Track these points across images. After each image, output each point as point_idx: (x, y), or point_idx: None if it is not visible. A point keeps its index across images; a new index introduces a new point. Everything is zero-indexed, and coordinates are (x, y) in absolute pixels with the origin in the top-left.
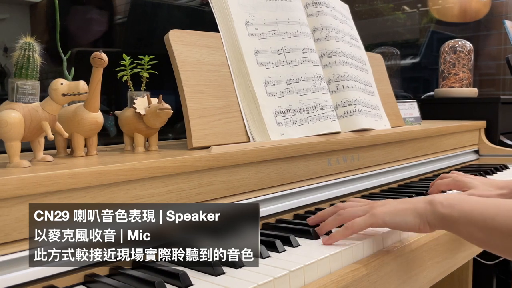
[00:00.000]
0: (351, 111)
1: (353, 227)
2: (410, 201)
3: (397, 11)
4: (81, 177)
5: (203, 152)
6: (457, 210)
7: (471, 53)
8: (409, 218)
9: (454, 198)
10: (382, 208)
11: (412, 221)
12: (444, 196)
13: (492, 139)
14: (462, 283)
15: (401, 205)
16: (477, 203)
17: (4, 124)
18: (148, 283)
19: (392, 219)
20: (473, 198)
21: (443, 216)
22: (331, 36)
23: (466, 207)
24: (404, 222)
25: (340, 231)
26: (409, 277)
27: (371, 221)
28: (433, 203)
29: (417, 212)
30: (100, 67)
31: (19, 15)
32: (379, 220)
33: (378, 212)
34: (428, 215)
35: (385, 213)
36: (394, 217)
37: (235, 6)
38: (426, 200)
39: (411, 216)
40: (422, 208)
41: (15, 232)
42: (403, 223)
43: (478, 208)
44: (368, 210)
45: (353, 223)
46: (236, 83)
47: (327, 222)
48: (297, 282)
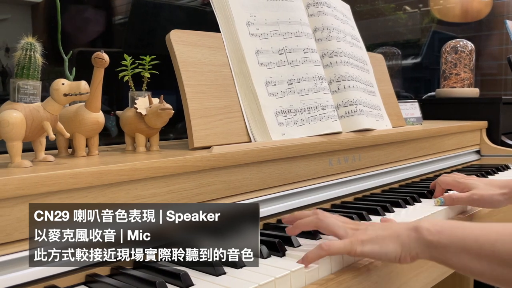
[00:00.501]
0: (352, 111)
1: (330, 250)
2: (392, 227)
3: (398, 11)
4: (82, 177)
5: (204, 152)
6: (446, 236)
7: (473, 53)
8: (390, 247)
9: (443, 224)
10: (362, 236)
11: (393, 252)
12: (431, 222)
13: (493, 140)
14: (464, 283)
15: (382, 232)
16: (470, 228)
17: (6, 124)
18: (149, 283)
19: (370, 249)
20: (464, 223)
21: (431, 243)
22: (332, 36)
23: (458, 233)
24: (383, 253)
25: (315, 252)
26: (411, 278)
27: (349, 248)
28: (419, 229)
29: (399, 241)
30: (101, 67)
31: (21, 15)
32: (357, 249)
33: (358, 240)
34: (411, 243)
35: (364, 241)
36: (373, 246)
37: (236, 6)
38: (410, 227)
39: (392, 245)
40: (406, 235)
41: (17, 232)
42: (382, 254)
43: (472, 234)
44: (348, 232)
45: (330, 246)
46: (237, 83)
47: (302, 221)
48: (298, 282)
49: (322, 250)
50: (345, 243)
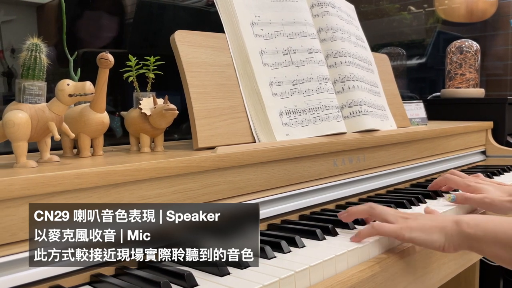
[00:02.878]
0: (357, 112)
1: (380, 230)
2: (438, 219)
3: (403, 12)
4: (87, 178)
5: (209, 152)
6: (481, 229)
7: (478, 53)
8: (436, 236)
9: (481, 218)
10: (412, 223)
11: (438, 240)
12: (470, 217)
13: (499, 140)
14: (469, 285)
15: (429, 222)
16: (500, 222)
17: (11, 124)
18: (154, 283)
19: (419, 236)
20: (496, 217)
21: (469, 236)
22: (336, 37)
23: (490, 226)
24: (430, 241)
25: (367, 229)
26: (415, 279)
27: (398, 232)
28: (460, 223)
29: (444, 232)
30: (106, 68)
31: (26, 16)
32: (406, 235)
33: (407, 226)
34: (454, 235)
35: (413, 228)
36: (421, 234)
37: (240, 7)
38: (453, 220)
39: (438, 235)
40: (449, 227)
41: (22, 232)
42: (429, 242)
43: (502, 227)
44: (398, 219)
45: (383, 226)
46: (242, 83)
47: (357, 208)
48: (302, 283)
49: (374, 229)
50: (395, 227)
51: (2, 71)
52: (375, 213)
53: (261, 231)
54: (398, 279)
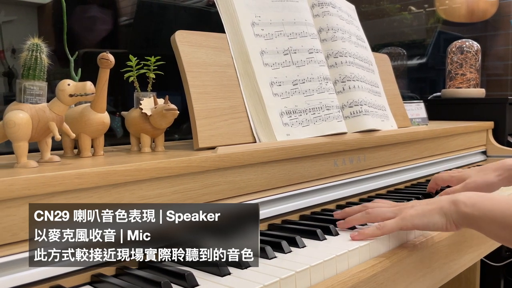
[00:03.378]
0: (358, 112)
1: (385, 229)
2: (435, 201)
3: (403, 12)
4: (88, 178)
5: (209, 152)
6: (478, 208)
7: (479, 53)
8: (436, 218)
9: (477, 197)
10: (411, 211)
11: (439, 221)
12: (467, 196)
13: (499, 140)
14: (470, 285)
15: (428, 206)
16: (498, 201)
17: (12, 124)
18: (154, 283)
19: (420, 221)
20: (495, 196)
21: (466, 215)
22: (337, 37)
23: (487, 205)
24: (432, 223)
25: (371, 230)
26: (416, 279)
27: (401, 224)
28: (457, 203)
29: (443, 212)
30: (106, 68)
31: (27, 16)
32: (409, 223)
33: (408, 216)
34: (453, 215)
35: (413, 215)
36: (422, 218)
37: (241, 7)
38: (450, 200)
39: (438, 217)
40: (447, 208)
41: (23, 232)
42: (431, 224)
43: (499, 206)
44: (397, 212)
45: (385, 225)
46: (242, 83)
47: (354, 217)
48: (303, 283)
49: (378, 230)
50: (397, 220)
51: (3, 71)
52: (373, 218)
53: (261, 231)
54: (399, 279)
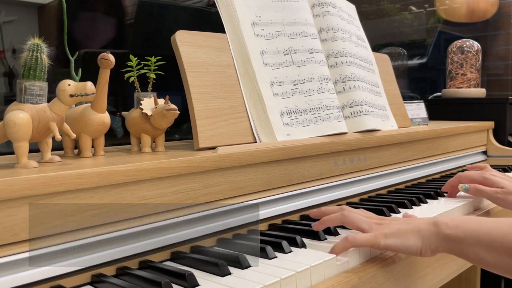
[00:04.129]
0: (358, 112)
1: (355, 242)
2: (413, 221)
3: (404, 12)
4: (88, 178)
5: (210, 152)
6: (462, 230)
7: (479, 53)
8: (412, 241)
9: (460, 219)
10: (385, 229)
11: (414, 245)
12: (449, 217)
13: (500, 140)
14: (470, 285)
15: (404, 226)
16: (485, 222)
17: (12, 124)
18: (155, 283)
19: (393, 242)
20: (480, 218)
21: (448, 237)
22: (337, 37)
23: (473, 227)
24: (405, 246)
25: (341, 244)
26: (417, 278)
27: (373, 241)
28: (438, 224)
29: (420, 235)
30: (107, 68)
31: (27, 17)
32: (381, 243)
33: (381, 234)
34: (431, 237)
35: (387, 235)
36: (396, 240)
37: (241, 7)
38: (430, 222)
39: (413, 239)
40: (426, 229)
41: (23, 232)
42: (404, 248)
43: (485, 228)
44: (372, 226)
45: (355, 239)
46: (243, 83)
47: (329, 217)
48: (303, 283)
49: (348, 242)
50: (370, 236)
51: (3, 72)
52: (348, 222)
53: (262, 231)
54: (401, 278)
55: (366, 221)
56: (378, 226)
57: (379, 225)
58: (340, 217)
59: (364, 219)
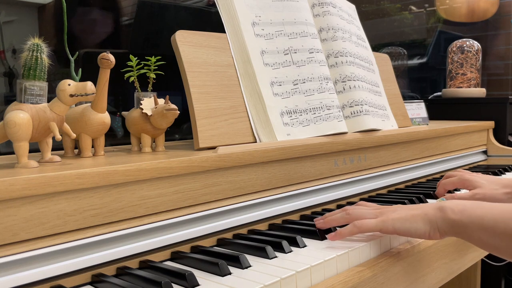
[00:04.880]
0: (358, 112)
1: (362, 227)
2: (420, 207)
3: (404, 11)
4: (89, 178)
5: (210, 152)
6: (467, 215)
7: (479, 53)
8: (419, 224)
9: (465, 204)
10: (393, 214)
11: (422, 228)
12: (454, 203)
13: (500, 140)
14: (470, 284)
15: (411, 211)
16: (489, 208)
17: (13, 124)
18: (155, 283)
19: (402, 226)
20: (485, 203)
21: (454, 222)
22: (337, 36)
23: (477, 212)
24: (414, 229)
25: (348, 228)
26: (416, 278)
27: (380, 226)
28: (444, 209)
29: (427, 219)
30: (107, 68)
31: (27, 17)
32: (389, 227)
33: (389, 219)
34: (438, 222)
35: (395, 219)
36: (404, 223)
37: (241, 7)
38: (436, 207)
39: (421, 223)
40: (432, 214)
41: (23, 232)
42: (413, 230)
43: (490, 213)
44: (378, 215)
45: (363, 223)
46: (243, 83)
47: (333, 217)
48: (304, 283)
49: (355, 227)
50: (377, 221)
51: (3, 72)
52: (353, 218)
53: (262, 231)
54: (400, 279)
55: (371, 212)
56: (383, 213)
57: (383, 212)
58: (345, 216)
59: (369, 210)
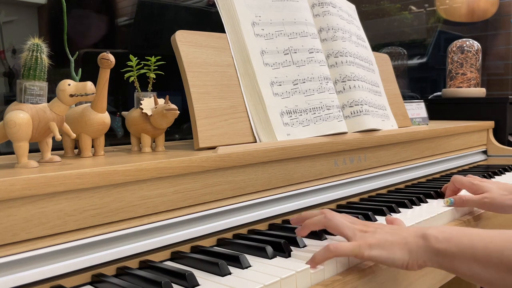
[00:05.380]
0: (358, 111)
1: (337, 251)
2: (401, 232)
3: (404, 11)
4: (89, 178)
5: (210, 152)
6: (454, 244)
7: (479, 52)
8: (398, 254)
9: (451, 232)
10: (370, 239)
11: (400, 258)
12: (438, 230)
13: (500, 140)
14: (471, 284)
15: (390, 237)
16: (478, 235)
17: (13, 124)
18: (155, 283)
19: (379, 254)
20: (472, 230)
21: (438, 252)
22: (337, 36)
23: (465, 240)
24: (391, 259)
25: (322, 253)
26: (417, 278)
27: (357, 251)
28: (427, 237)
29: (407, 248)
30: (107, 68)
31: (27, 17)
32: (365, 253)
33: (366, 243)
34: (419, 252)
35: (372, 245)
36: (381, 251)
37: (241, 7)
38: (418, 234)
39: (400, 253)
40: (414, 243)
41: (23, 232)
42: (389, 260)
43: (480, 242)
44: (356, 234)
45: (337, 247)
46: (243, 83)
47: (312, 220)
48: (303, 283)
49: (330, 252)
50: (353, 245)
51: (3, 72)
52: (331, 226)
53: (262, 231)
54: (399, 279)
55: (350, 227)
56: (362, 234)
57: (363, 233)
58: (323, 220)
59: (348, 224)
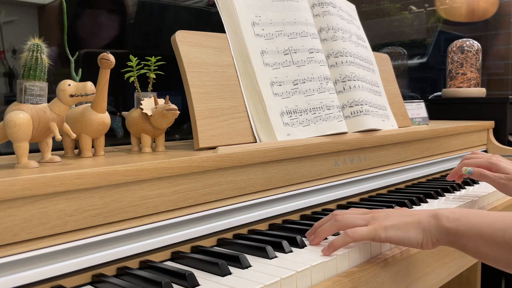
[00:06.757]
0: (358, 111)
1: (354, 235)
2: (413, 214)
3: (404, 11)
4: (89, 178)
5: (210, 152)
6: (463, 223)
7: (479, 52)
8: (412, 233)
9: (461, 212)
10: (385, 222)
11: (415, 237)
12: (449, 210)
13: (500, 140)
14: (471, 284)
15: (404, 218)
16: (486, 216)
17: (13, 125)
18: (155, 283)
19: (395, 234)
20: (481, 211)
21: (448, 230)
22: (337, 36)
23: (474, 220)
24: (407, 238)
25: (341, 238)
26: (417, 278)
27: (373, 234)
28: (438, 217)
29: (421, 227)
30: (107, 68)
31: (28, 17)
32: (382, 234)
33: (381, 226)
34: (432, 230)
35: (387, 227)
36: (397, 232)
37: (241, 7)
38: (430, 214)
39: (414, 232)
40: (426, 222)
41: (24, 232)
42: (406, 240)
43: (487, 222)
44: (370, 220)
45: (355, 231)
46: (243, 83)
47: (323, 228)
48: (304, 283)
49: (348, 236)
50: (369, 229)
51: (3, 72)
52: (343, 225)
53: (262, 231)
54: (400, 278)
55: (361, 218)
56: (375, 219)
57: (375, 218)
58: (335, 223)
59: (359, 216)
